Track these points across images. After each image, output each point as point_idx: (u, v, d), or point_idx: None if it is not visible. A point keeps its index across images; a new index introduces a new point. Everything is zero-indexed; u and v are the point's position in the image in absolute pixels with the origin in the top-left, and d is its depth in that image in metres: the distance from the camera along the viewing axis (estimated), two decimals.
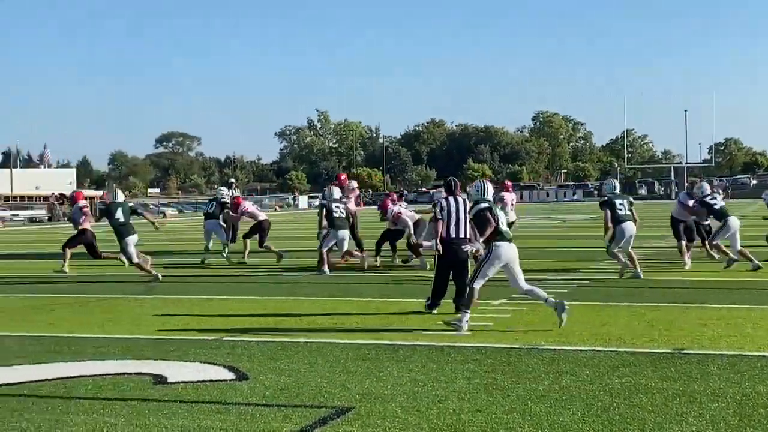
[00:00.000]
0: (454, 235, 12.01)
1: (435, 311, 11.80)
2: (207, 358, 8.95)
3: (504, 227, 10.81)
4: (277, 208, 79.54)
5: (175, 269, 19.97)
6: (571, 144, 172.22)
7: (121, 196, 18.12)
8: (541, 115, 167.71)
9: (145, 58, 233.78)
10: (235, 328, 11.01)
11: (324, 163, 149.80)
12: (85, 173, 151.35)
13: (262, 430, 6.26)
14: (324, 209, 18.78)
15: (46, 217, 69.99)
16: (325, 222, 18.61)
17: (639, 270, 15.74)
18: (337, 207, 18.40)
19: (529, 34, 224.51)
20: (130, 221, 17.57)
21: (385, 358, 8.82)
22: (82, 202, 19.82)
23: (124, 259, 18.23)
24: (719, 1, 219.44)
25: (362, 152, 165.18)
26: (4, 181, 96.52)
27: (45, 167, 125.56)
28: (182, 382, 7.86)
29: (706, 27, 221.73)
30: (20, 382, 8.05)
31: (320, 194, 26.56)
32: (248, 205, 22.56)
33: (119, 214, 17.29)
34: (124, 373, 8.28)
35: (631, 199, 16.70)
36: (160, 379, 7.98)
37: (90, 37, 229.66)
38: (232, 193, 28.84)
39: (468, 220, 12.09)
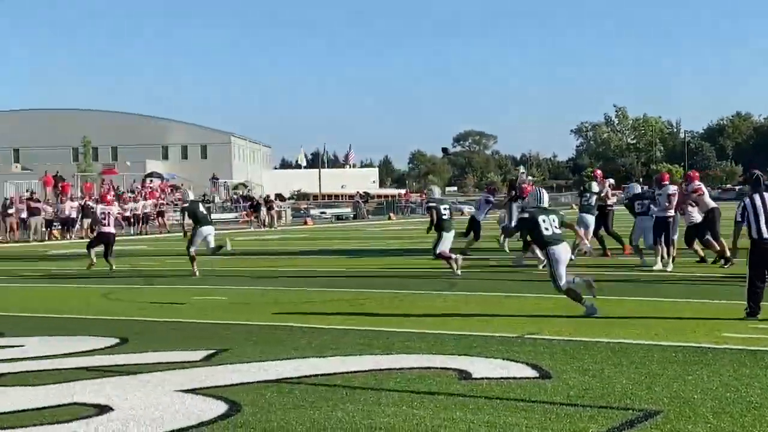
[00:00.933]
0: (767, 235, 11.32)
1: (758, 317, 11.00)
2: (509, 356, 9.02)
3: (549, 231, 11.76)
4: (573, 205, 78.52)
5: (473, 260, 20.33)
6: None
7: (191, 196, 21.44)
8: None
9: (456, 63, 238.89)
10: (536, 325, 11.05)
11: (621, 160, 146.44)
12: (386, 172, 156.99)
13: (568, 429, 6.23)
14: (435, 212, 18.38)
15: (351, 215, 72.78)
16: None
17: None
18: (446, 209, 18.54)
19: None
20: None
21: (693, 361, 8.53)
22: (100, 207, 21.96)
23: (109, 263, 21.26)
24: None
25: (662, 148, 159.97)
26: (313, 180, 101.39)
27: (350, 167, 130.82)
28: (486, 378, 7.97)
29: None
30: (333, 373, 8.44)
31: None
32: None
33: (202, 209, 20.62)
34: (430, 368, 8.51)
35: None
36: (464, 375, 8.13)
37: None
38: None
39: None
